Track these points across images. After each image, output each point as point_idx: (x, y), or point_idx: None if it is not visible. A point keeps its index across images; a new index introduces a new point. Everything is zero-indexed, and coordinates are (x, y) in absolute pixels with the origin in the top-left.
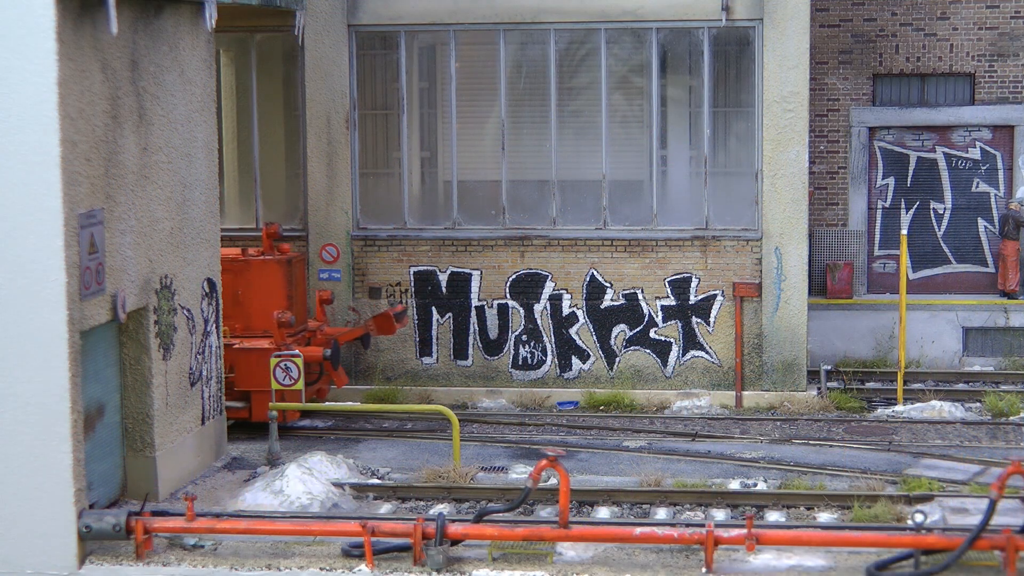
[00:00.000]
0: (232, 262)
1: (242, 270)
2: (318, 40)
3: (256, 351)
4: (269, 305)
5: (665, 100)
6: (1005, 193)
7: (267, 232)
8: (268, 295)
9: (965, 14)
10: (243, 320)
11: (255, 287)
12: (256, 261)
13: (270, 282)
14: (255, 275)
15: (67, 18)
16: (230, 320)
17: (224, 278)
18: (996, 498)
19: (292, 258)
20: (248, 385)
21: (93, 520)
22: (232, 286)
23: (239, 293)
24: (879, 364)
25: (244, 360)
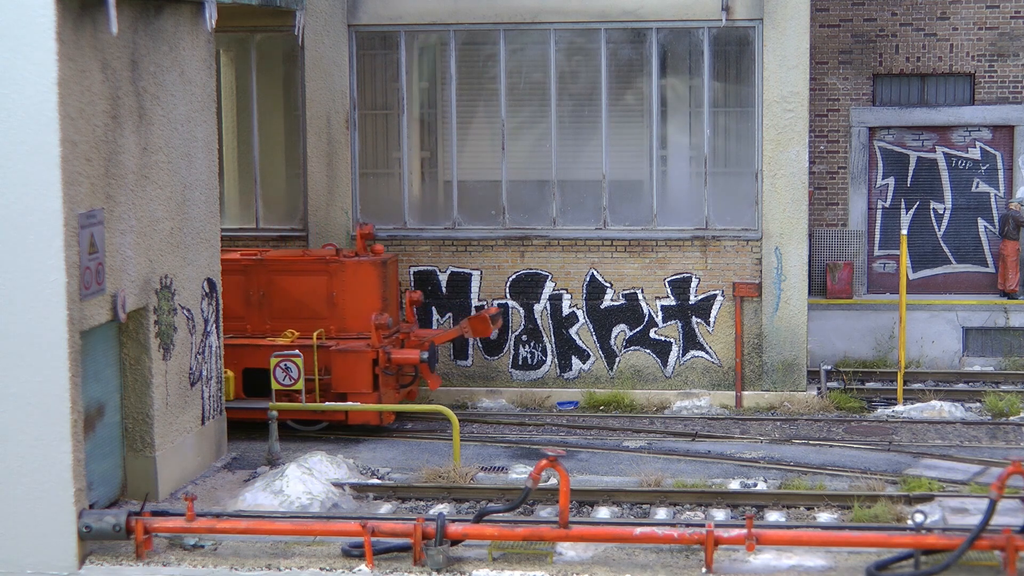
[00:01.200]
0: (326, 263)
1: (336, 271)
2: (318, 40)
3: (353, 353)
4: (364, 306)
5: (665, 100)
6: (1005, 193)
7: (361, 233)
8: (363, 296)
9: (965, 14)
10: (337, 322)
11: (349, 288)
12: (351, 262)
13: (365, 283)
14: (349, 276)
15: (67, 18)
16: (324, 321)
17: (319, 279)
18: (996, 498)
19: (386, 259)
20: (345, 387)
21: (93, 520)
22: (326, 287)
23: (334, 294)
24: (879, 364)
25: (341, 362)
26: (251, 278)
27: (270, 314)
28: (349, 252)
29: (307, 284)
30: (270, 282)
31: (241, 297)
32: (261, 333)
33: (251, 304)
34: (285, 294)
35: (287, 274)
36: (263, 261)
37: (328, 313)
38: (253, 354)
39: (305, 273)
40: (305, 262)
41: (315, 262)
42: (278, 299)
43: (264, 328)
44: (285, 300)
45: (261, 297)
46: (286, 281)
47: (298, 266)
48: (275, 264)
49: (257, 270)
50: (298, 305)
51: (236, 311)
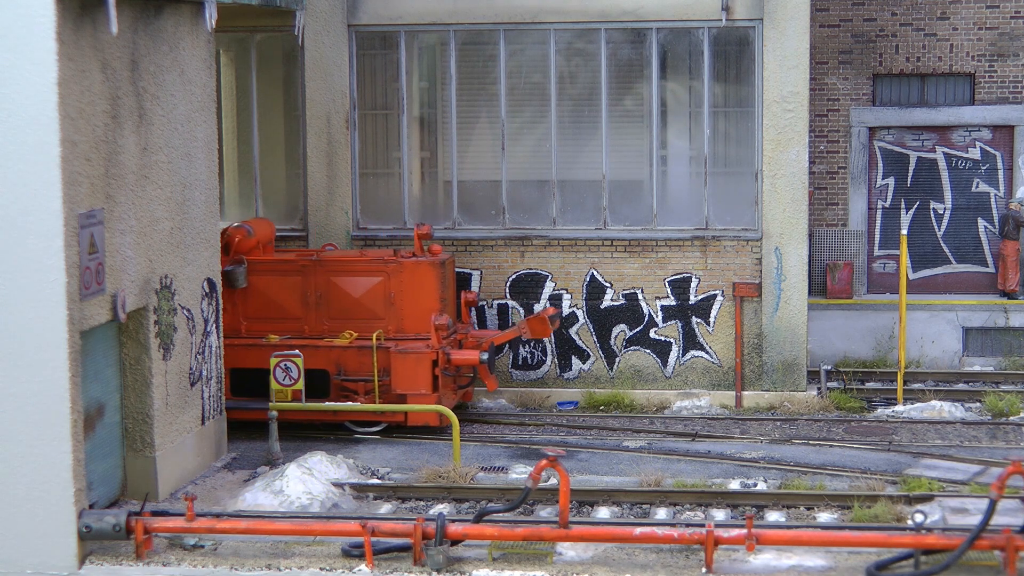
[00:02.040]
0: (385, 263)
1: (395, 272)
2: (318, 40)
3: (414, 354)
4: (422, 307)
5: (665, 100)
6: (1005, 193)
7: (418, 233)
8: (421, 297)
9: (965, 14)
10: (395, 322)
11: (408, 289)
12: (409, 263)
13: (423, 284)
14: (408, 277)
15: (67, 18)
16: (382, 322)
17: (377, 280)
18: (996, 498)
19: (444, 259)
20: (405, 388)
21: (93, 520)
22: (384, 288)
23: (392, 295)
24: (879, 364)
25: (401, 363)
26: (308, 279)
27: (327, 315)
28: (407, 252)
29: (365, 285)
30: (327, 283)
31: (298, 298)
32: (318, 334)
33: (308, 305)
34: (343, 295)
35: (345, 275)
36: (321, 262)
37: (386, 314)
38: (312, 355)
39: (363, 274)
40: (363, 262)
41: (373, 262)
42: (335, 300)
43: (321, 329)
44: (342, 301)
45: (318, 298)
46: (344, 281)
47: (356, 266)
48: (333, 264)
49: (314, 271)
50: (355, 306)
51: (293, 312)
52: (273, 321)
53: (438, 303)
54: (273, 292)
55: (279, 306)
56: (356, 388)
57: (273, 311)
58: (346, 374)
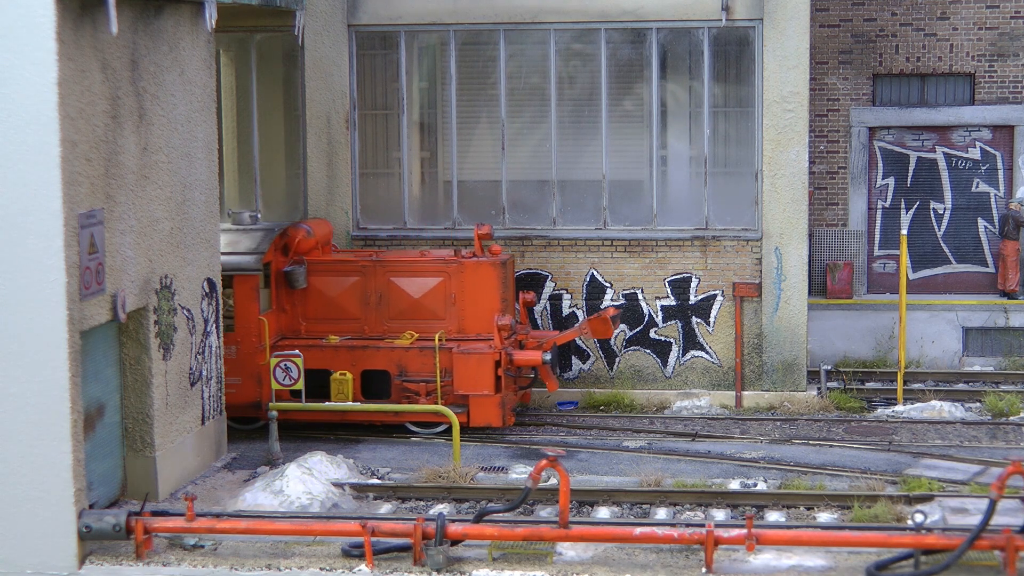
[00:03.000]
0: (445, 263)
1: (456, 272)
2: (318, 40)
3: (476, 355)
4: (483, 308)
5: (665, 100)
6: (1005, 193)
7: (479, 234)
8: (482, 297)
9: (965, 14)
10: (456, 323)
11: (469, 289)
12: (470, 263)
13: (484, 284)
14: (469, 277)
15: (67, 18)
16: (442, 323)
17: (438, 280)
18: (996, 498)
19: (505, 260)
20: (468, 389)
21: (93, 520)
22: (445, 288)
23: (453, 295)
24: (879, 364)
25: (463, 364)
26: (368, 279)
27: (387, 315)
28: (468, 253)
29: (425, 285)
30: (387, 283)
31: (358, 298)
32: (379, 334)
33: (368, 305)
34: (403, 295)
35: (405, 275)
36: (381, 262)
37: (446, 314)
38: (372, 356)
39: (424, 274)
40: (424, 263)
41: (434, 263)
42: (395, 300)
43: (381, 329)
44: (403, 301)
45: (379, 299)
46: (404, 282)
47: (417, 267)
48: (393, 265)
49: (374, 271)
50: (416, 306)
51: (353, 312)
52: (332, 322)
53: (499, 303)
54: (332, 293)
55: (338, 307)
56: (418, 389)
57: (332, 312)
58: (407, 375)
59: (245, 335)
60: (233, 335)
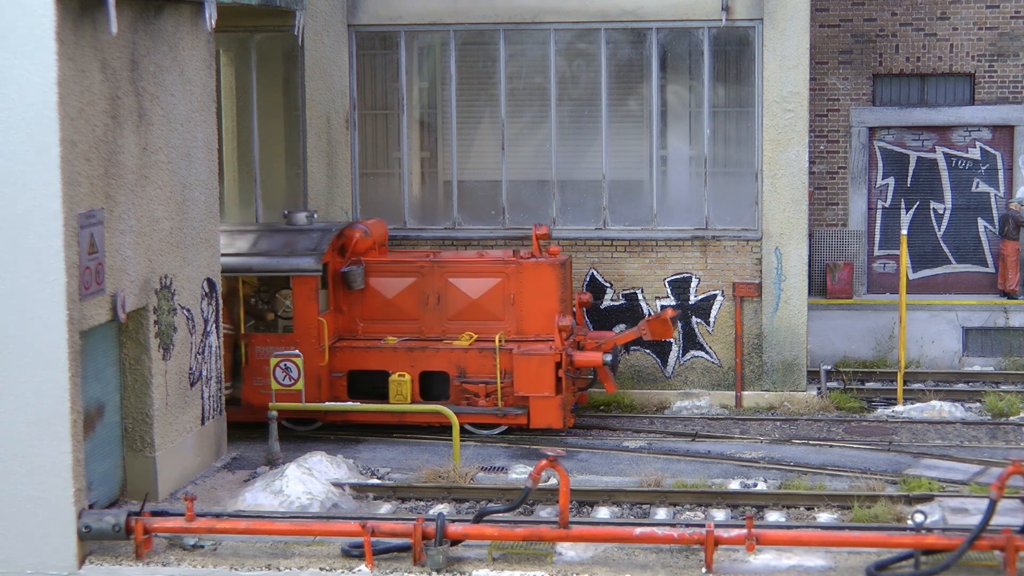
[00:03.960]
0: (504, 264)
1: (515, 273)
2: (318, 40)
3: (537, 356)
4: (542, 308)
5: (665, 100)
6: (1005, 193)
7: (536, 234)
8: (541, 298)
9: (965, 14)
10: (514, 324)
11: (528, 290)
12: (529, 263)
13: (543, 285)
14: (528, 278)
15: (67, 18)
16: (501, 323)
17: (496, 281)
18: (996, 498)
19: (564, 260)
20: (528, 390)
21: (93, 520)
22: (503, 289)
23: (512, 296)
24: (879, 364)
25: (524, 365)
26: (426, 280)
27: (445, 316)
28: (526, 253)
29: (484, 286)
30: (445, 284)
31: (416, 299)
32: (437, 335)
33: (426, 306)
34: (461, 296)
35: (463, 276)
36: (439, 263)
37: (505, 315)
38: (431, 357)
39: (482, 275)
40: (482, 263)
41: (493, 263)
42: (453, 301)
43: (439, 330)
44: (461, 302)
45: (437, 299)
46: (462, 283)
47: (475, 268)
48: (451, 265)
49: (433, 272)
50: (474, 307)
51: (410, 313)
52: (389, 323)
53: (558, 304)
54: (390, 293)
55: (396, 307)
56: (477, 391)
57: (390, 312)
58: (466, 376)
59: (304, 336)
60: (291, 336)
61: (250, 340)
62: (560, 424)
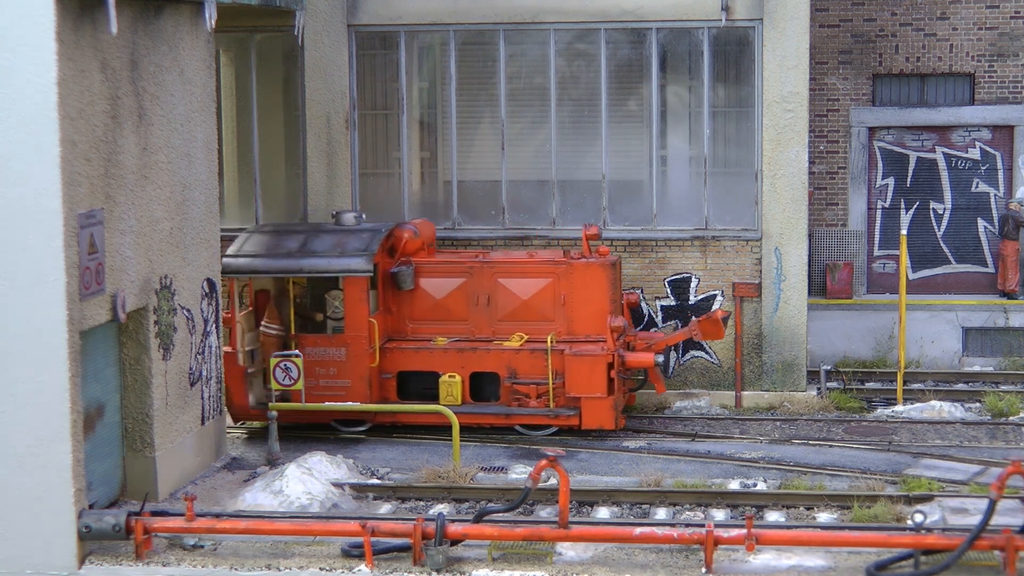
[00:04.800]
0: (555, 265)
1: (565, 273)
2: (318, 40)
3: (590, 356)
4: (593, 309)
5: (665, 100)
6: (1005, 193)
7: (587, 235)
8: (592, 299)
9: (965, 14)
10: (565, 324)
11: (578, 291)
12: (579, 264)
13: (594, 286)
14: (579, 278)
15: (67, 18)
16: (551, 324)
17: (547, 281)
18: (996, 498)
19: (614, 261)
20: (580, 391)
21: (93, 520)
22: (554, 290)
23: (563, 297)
24: (879, 364)
25: (576, 366)
26: (476, 280)
27: (495, 317)
28: (576, 254)
29: (534, 287)
30: (494, 285)
31: (465, 300)
32: (487, 336)
33: (476, 307)
34: (511, 297)
35: (513, 276)
36: (489, 263)
37: (555, 316)
38: (482, 358)
39: (532, 275)
40: (532, 264)
41: (543, 264)
42: (503, 302)
43: (490, 331)
44: (511, 303)
45: (487, 300)
46: (512, 283)
47: (525, 268)
48: (501, 266)
49: (481, 272)
50: (524, 308)
51: (460, 314)
52: (439, 323)
53: (609, 304)
54: (439, 294)
55: (445, 308)
56: (528, 391)
57: (439, 313)
58: (517, 377)
59: (355, 337)
60: (342, 337)
61: (301, 342)
62: (612, 425)
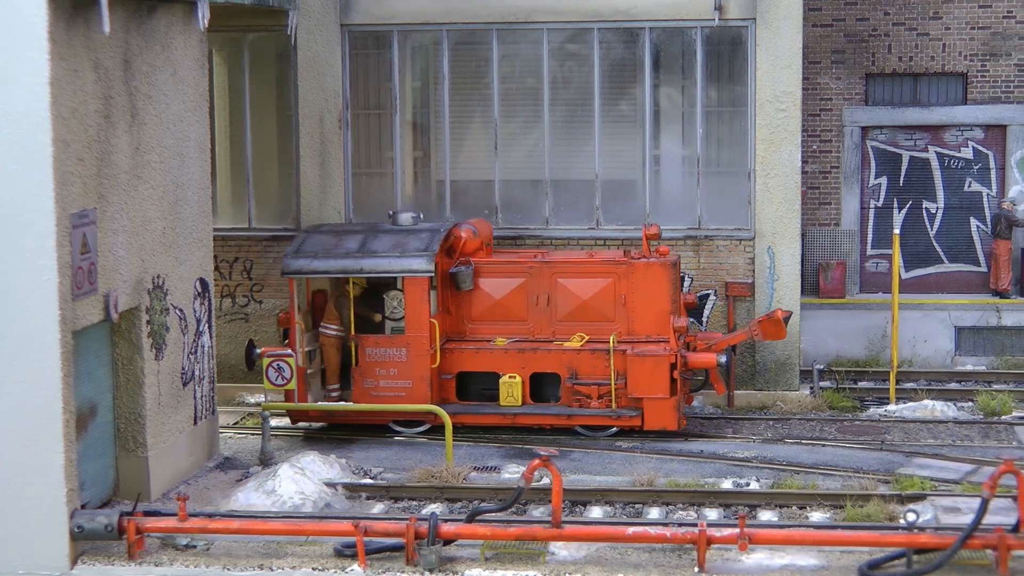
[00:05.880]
0: (615, 265)
1: (626, 273)
2: (311, 39)
3: (652, 357)
4: (653, 309)
5: (658, 100)
6: (997, 192)
7: (647, 234)
8: (652, 299)
9: (957, 14)
10: (625, 324)
11: (639, 291)
12: (640, 264)
13: (655, 285)
14: (639, 278)
15: (59, 18)
16: (612, 324)
17: (607, 281)
18: (988, 497)
19: (675, 260)
20: (642, 392)
21: (85, 520)
22: (614, 290)
23: (624, 297)
24: (872, 363)
25: (639, 366)
26: (535, 281)
27: (555, 317)
28: (637, 254)
29: (594, 287)
30: (554, 285)
31: (524, 300)
32: (546, 337)
33: (536, 307)
34: (570, 297)
35: (573, 276)
36: (548, 263)
37: (615, 316)
38: (543, 359)
39: (592, 275)
40: (592, 264)
41: (603, 264)
42: (563, 302)
43: (549, 331)
44: (571, 303)
45: (546, 300)
46: (572, 283)
47: (584, 268)
48: (560, 266)
49: (541, 272)
50: (584, 308)
51: (519, 314)
52: (498, 324)
53: (669, 304)
54: (498, 294)
55: (504, 308)
56: (589, 392)
57: (498, 313)
58: (578, 378)
59: (416, 338)
60: (403, 338)
61: (361, 342)
62: (675, 426)
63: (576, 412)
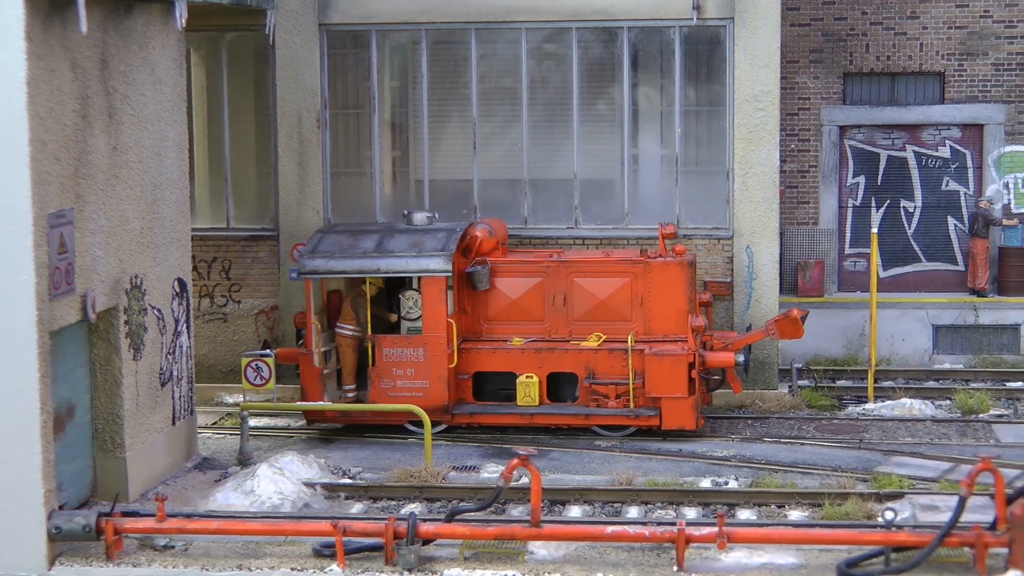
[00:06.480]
0: (632, 264)
1: (643, 273)
2: (289, 39)
3: (670, 356)
4: (670, 308)
5: (636, 99)
6: (975, 191)
7: (663, 233)
8: (669, 298)
9: (935, 13)
10: (642, 324)
11: (656, 290)
12: (657, 263)
13: (671, 285)
14: (656, 277)
15: (36, 17)
16: (629, 324)
17: (623, 281)
18: (966, 495)
19: (691, 260)
20: (660, 391)
21: (63, 521)
22: (631, 289)
23: (640, 296)
24: (850, 362)
25: (657, 366)
26: (552, 280)
27: (572, 316)
28: (653, 253)
29: (611, 286)
30: (570, 284)
31: (541, 300)
32: (563, 336)
33: (552, 306)
34: (587, 296)
35: (589, 276)
36: (564, 263)
37: (632, 315)
38: (560, 358)
39: (609, 275)
40: (609, 263)
41: (620, 263)
42: (579, 301)
43: (566, 331)
44: (587, 302)
45: (563, 300)
46: (588, 283)
47: (601, 268)
48: (576, 266)
49: (557, 272)
50: (600, 307)
51: (535, 314)
52: (514, 323)
53: (686, 304)
54: (514, 294)
55: (521, 308)
56: (607, 392)
57: (515, 313)
58: (596, 377)
59: (433, 338)
60: (420, 338)
61: (379, 342)
62: (693, 425)
63: (594, 412)
